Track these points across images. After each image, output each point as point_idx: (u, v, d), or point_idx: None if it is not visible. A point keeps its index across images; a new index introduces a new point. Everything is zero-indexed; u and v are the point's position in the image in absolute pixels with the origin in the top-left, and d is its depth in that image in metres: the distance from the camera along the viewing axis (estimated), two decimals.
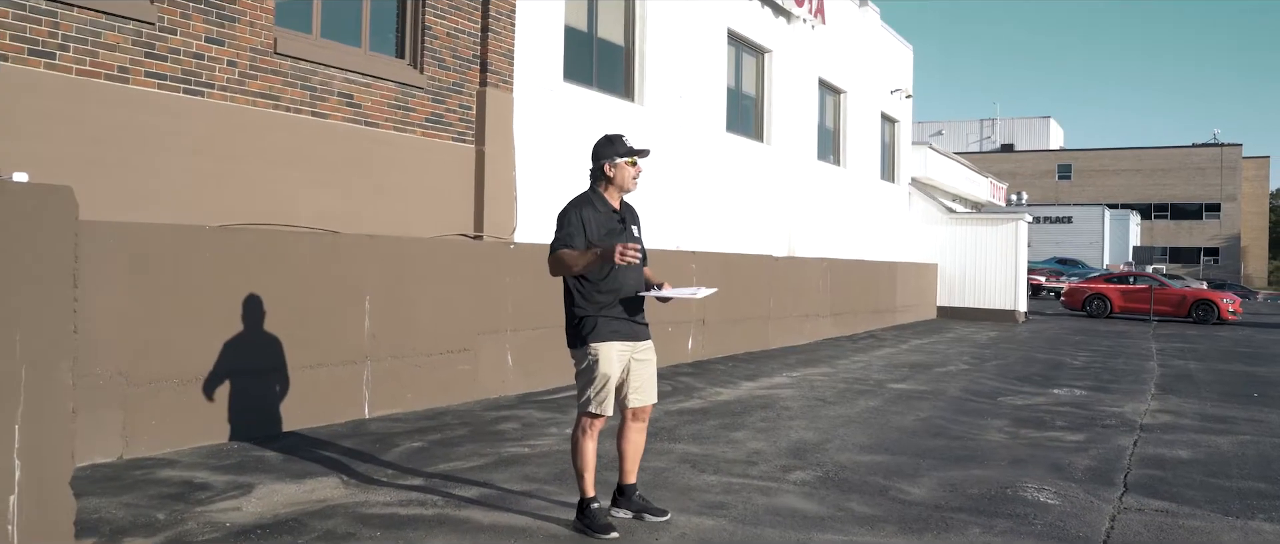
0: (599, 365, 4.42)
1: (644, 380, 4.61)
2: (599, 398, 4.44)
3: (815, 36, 16.99)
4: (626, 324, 4.51)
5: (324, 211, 7.79)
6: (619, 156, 4.53)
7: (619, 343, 4.47)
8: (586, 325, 4.46)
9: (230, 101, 7.22)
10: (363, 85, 8.31)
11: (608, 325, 4.45)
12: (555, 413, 7.80)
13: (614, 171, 4.54)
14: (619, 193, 4.59)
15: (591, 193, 4.59)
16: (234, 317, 6.31)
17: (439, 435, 6.73)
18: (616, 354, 4.45)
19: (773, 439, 7.03)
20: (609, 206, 4.56)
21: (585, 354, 4.47)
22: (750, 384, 10.08)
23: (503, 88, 9.71)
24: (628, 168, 4.53)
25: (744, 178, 14.58)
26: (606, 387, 4.44)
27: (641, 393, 4.61)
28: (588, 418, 4.49)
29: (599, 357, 4.42)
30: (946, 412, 8.69)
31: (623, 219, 4.60)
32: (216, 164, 7.10)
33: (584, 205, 4.51)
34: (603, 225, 4.48)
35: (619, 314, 4.48)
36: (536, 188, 10.04)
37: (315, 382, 6.86)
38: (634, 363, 4.55)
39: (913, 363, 12.75)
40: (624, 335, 4.49)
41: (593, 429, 4.51)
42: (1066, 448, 7.15)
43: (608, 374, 4.42)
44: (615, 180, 4.55)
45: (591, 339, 4.43)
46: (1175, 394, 10.46)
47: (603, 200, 4.55)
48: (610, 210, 4.56)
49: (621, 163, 4.52)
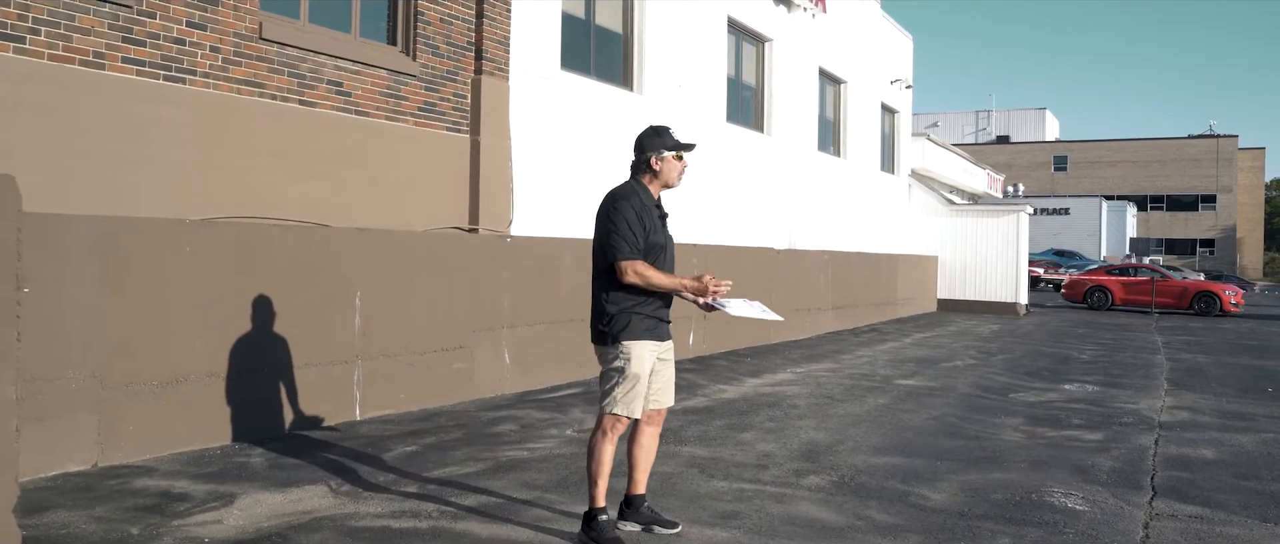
0: (631, 365, 4.14)
1: (665, 382, 4.36)
2: (628, 399, 4.16)
3: (816, 25, 16.67)
4: (658, 324, 4.25)
5: (312, 204, 7.46)
6: (667, 150, 4.29)
7: (651, 342, 4.20)
8: (619, 322, 4.16)
9: (213, 89, 6.89)
10: (353, 73, 7.98)
11: (641, 323, 4.17)
12: (554, 413, 7.50)
13: (661, 165, 4.31)
14: (660, 187, 4.35)
15: (635, 184, 4.32)
16: (217, 315, 5.99)
17: (433, 438, 6.42)
18: (649, 354, 4.18)
19: (783, 440, 6.73)
20: (653, 200, 4.31)
21: (617, 353, 4.17)
22: (755, 381, 9.79)
23: (498, 76, 9.37)
24: (675, 163, 4.30)
25: (744, 169, 14.27)
26: (637, 388, 4.16)
27: (662, 395, 4.35)
28: (612, 418, 4.21)
29: (632, 356, 4.14)
30: (959, 409, 8.40)
31: (664, 215, 4.37)
32: (199, 155, 6.76)
33: (633, 197, 4.23)
34: (651, 221, 4.21)
35: (652, 311, 4.21)
36: (533, 179, 9.72)
37: (304, 382, 6.54)
38: (658, 363, 4.29)
39: (918, 357, 12.47)
40: (656, 335, 4.24)
41: (614, 432, 4.23)
42: (1087, 448, 6.88)
43: (639, 374, 4.15)
44: (661, 175, 4.32)
45: (624, 337, 4.15)
46: (1189, 390, 10.19)
47: (647, 193, 4.30)
48: (655, 204, 4.31)
49: (669, 157, 4.29)
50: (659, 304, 4.23)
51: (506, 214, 9.39)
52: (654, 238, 4.20)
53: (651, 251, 4.18)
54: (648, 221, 4.19)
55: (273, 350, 6.29)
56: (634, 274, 4.10)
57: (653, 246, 4.19)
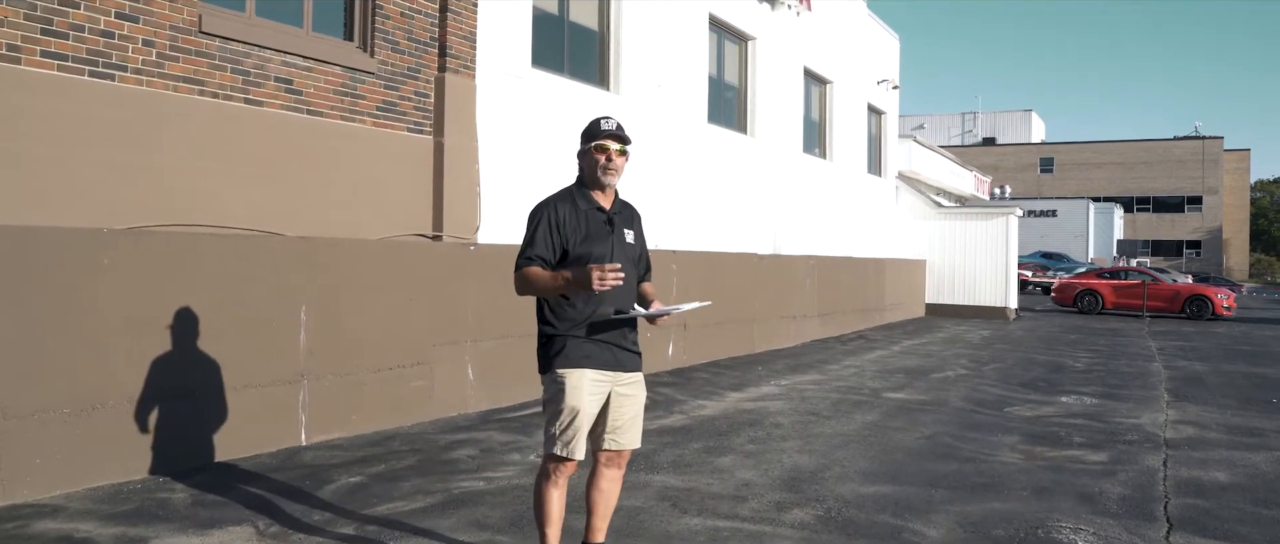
0: (566, 397, 3.55)
1: (626, 419, 3.73)
2: (565, 438, 3.57)
3: (800, 24, 16.19)
4: (606, 349, 3.65)
5: (260, 211, 6.91)
6: (586, 142, 3.70)
7: (594, 371, 3.61)
8: (554, 346, 3.62)
9: (146, 86, 6.33)
10: (304, 69, 7.43)
11: (580, 348, 3.60)
12: (519, 435, 6.97)
13: (581, 162, 3.74)
14: (594, 187, 3.73)
15: (574, 187, 3.75)
16: (141, 334, 5.44)
17: (382, 466, 5.88)
18: (589, 384, 3.59)
19: (764, 466, 6.22)
20: (592, 203, 3.70)
21: (552, 381, 3.62)
22: (736, 395, 9.27)
23: (464, 73, 8.84)
24: (594, 157, 3.67)
25: (727, 172, 13.76)
26: (574, 423, 3.56)
27: (621, 434, 3.73)
28: (553, 462, 3.64)
29: (566, 386, 3.56)
30: (952, 426, 7.91)
31: (610, 220, 3.72)
32: (130, 157, 6.20)
33: (560, 202, 3.67)
34: (583, 227, 3.63)
35: (598, 335, 3.62)
36: (502, 183, 9.19)
37: (240, 406, 5.99)
38: (614, 397, 3.69)
39: (907, 367, 11.98)
40: (601, 362, 3.63)
41: (558, 475, 3.65)
42: (1092, 471, 6.39)
43: (575, 407, 3.55)
44: (584, 173, 3.74)
45: (559, 364, 3.58)
46: (1191, 401, 9.74)
47: (585, 197, 3.71)
48: (594, 208, 3.70)
49: (588, 150, 3.69)
50: (607, 328, 3.63)
51: (473, 220, 8.85)
52: (583, 247, 3.60)
53: (578, 260, 3.57)
54: (572, 226, 3.62)
55: (205, 371, 5.74)
56: (518, 282, 3.59)
57: (580, 257, 3.58)
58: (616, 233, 3.71)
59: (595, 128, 3.69)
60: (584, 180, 3.74)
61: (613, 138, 3.67)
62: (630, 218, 3.88)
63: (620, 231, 3.75)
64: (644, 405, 3.84)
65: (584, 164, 3.72)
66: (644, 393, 3.85)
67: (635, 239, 3.85)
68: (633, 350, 3.76)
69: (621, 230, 3.76)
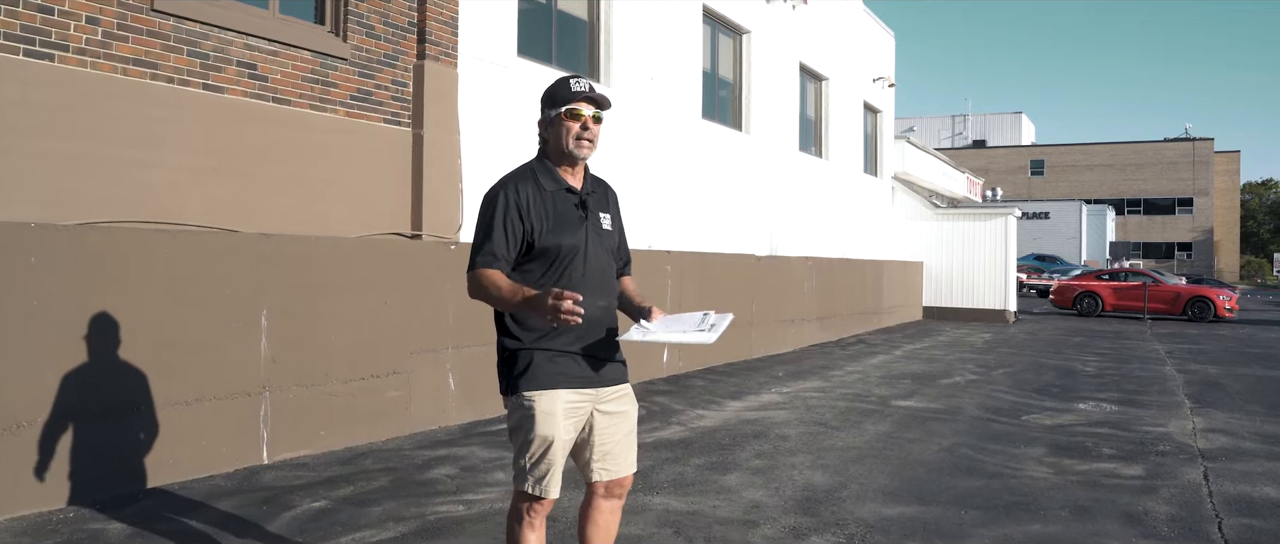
0: (536, 424, 2.88)
1: (615, 442, 3.07)
2: (537, 472, 2.91)
3: (796, 18, 15.66)
4: (580, 362, 2.97)
5: (219, 206, 6.31)
6: (552, 108, 3.03)
7: (569, 391, 2.94)
8: (519, 363, 2.94)
9: (90, 68, 5.72)
10: (270, 53, 6.84)
11: (550, 364, 2.92)
12: (504, 450, 6.38)
13: (547, 131, 3.05)
14: (564, 163, 3.05)
15: (535, 163, 3.07)
16: (76, 342, 4.83)
17: (351, 488, 5.28)
18: (563, 407, 2.92)
19: (774, 485, 5.64)
20: (560, 183, 3.04)
21: (517, 405, 2.94)
22: (737, 404, 8.70)
23: (445, 61, 8.25)
24: (565, 123, 2.99)
25: (722, 169, 13.20)
26: (547, 456, 2.90)
27: (612, 461, 3.07)
28: (525, 501, 2.99)
29: (536, 411, 2.89)
30: (970, 438, 7.36)
31: (582, 202, 3.06)
32: (71, 146, 5.60)
33: (521, 182, 2.98)
34: (550, 212, 2.96)
35: (570, 345, 2.95)
36: (486, 178, 8.51)
37: (192, 421, 5.38)
38: (598, 417, 3.03)
39: (913, 373, 11.43)
40: (577, 379, 2.96)
41: (534, 516, 2.99)
42: (1130, 487, 5.84)
43: (547, 437, 2.88)
44: (551, 143, 3.05)
45: (525, 385, 2.91)
46: (1214, 407, 9.22)
47: (551, 175, 3.03)
48: (563, 188, 3.03)
49: (558, 116, 3.01)
50: (573, 336, 2.93)
51: (455, 217, 8.26)
52: (551, 238, 2.94)
53: (547, 257, 2.95)
54: (536, 211, 2.94)
55: (151, 384, 5.13)
56: (472, 286, 2.91)
57: (547, 250, 2.95)
58: (591, 218, 3.05)
59: (564, 89, 3.00)
60: (549, 154, 3.07)
61: (587, 101, 2.99)
62: (605, 198, 3.18)
63: (595, 216, 3.07)
64: (637, 420, 3.17)
65: (550, 134, 3.04)
66: (635, 406, 3.16)
67: (613, 224, 3.17)
68: (614, 359, 3.08)
69: (596, 214, 3.08)
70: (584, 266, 2.99)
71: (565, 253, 2.96)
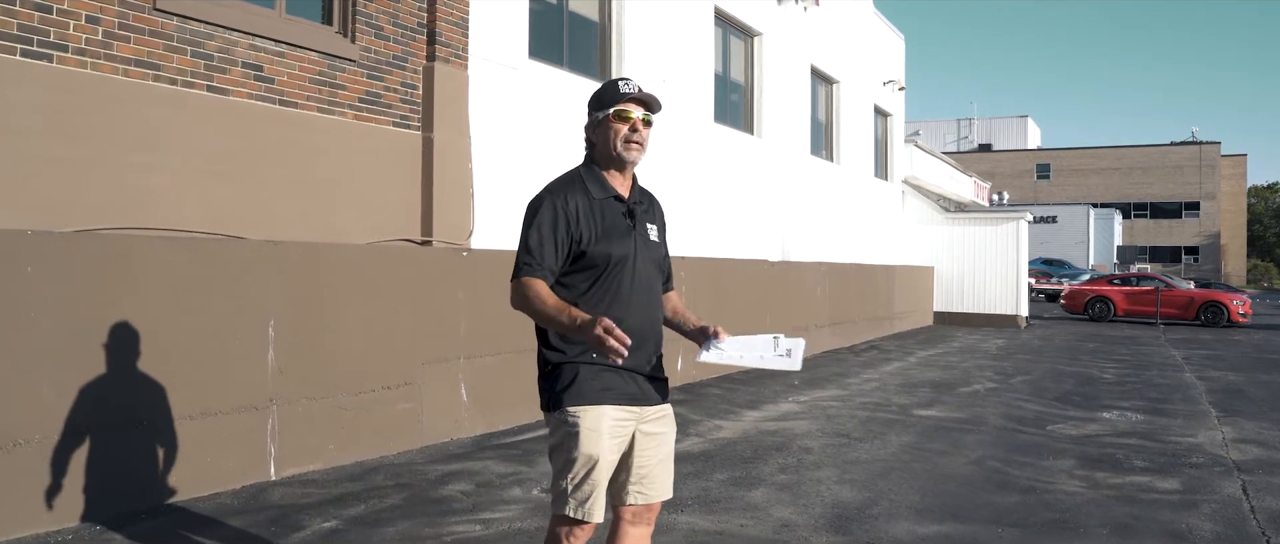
0: (581, 442, 2.70)
1: (654, 464, 2.89)
2: (581, 494, 2.72)
3: (808, 20, 15.46)
4: (628, 378, 2.80)
5: (222, 213, 6.11)
6: (601, 109, 2.88)
7: (614, 407, 2.76)
8: (562, 378, 2.77)
9: (90, 69, 5.53)
10: (276, 55, 6.64)
11: (596, 379, 2.75)
12: (519, 465, 6.16)
13: (595, 134, 2.90)
14: (613, 168, 2.90)
15: (582, 170, 2.91)
16: (75, 354, 4.63)
17: (363, 507, 5.06)
18: (610, 425, 2.75)
19: (802, 501, 5.42)
20: (608, 191, 2.88)
21: (561, 422, 2.76)
22: (754, 414, 8.48)
23: (455, 63, 8.05)
24: (615, 126, 2.85)
25: (734, 174, 12.99)
26: (592, 476, 2.72)
27: (649, 483, 2.88)
28: (564, 525, 2.79)
29: (581, 428, 2.71)
30: (998, 449, 7.13)
31: (630, 211, 2.90)
32: (71, 149, 5.40)
33: (568, 190, 2.82)
34: (599, 222, 2.80)
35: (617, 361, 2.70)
36: (497, 183, 8.40)
37: (197, 436, 5.17)
38: (640, 437, 2.85)
39: (931, 381, 11.20)
40: (623, 396, 2.79)
41: (574, 542, 2.79)
42: (1169, 502, 5.62)
43: (592, 455, 2.71)
44: (598, 148, 2.90)
45: (569, 400, 2.73)
46: (1242, 416, 8.98)
47: (600, 183, 2.88)
48: (612, 197, 2.88)
49: (607, 119, 2.86)
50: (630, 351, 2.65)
51: (466, 223, 8.05)
52: (600, 246, 2.79)
53: (596, 268, 2.80)
54: (586, 221, 2.78)
55: (153, 398, 4.93)
56: (516, 298, 2.74)
57: (596, 261, 2.79)
58: (639, 228, 2.90)
59: (612, 90, 2.86)
60: (596, 160, 2.91)
61: (636, 102, 2.85)
62: (652, 209, 3.05)
63: (643, 227, 2.92)
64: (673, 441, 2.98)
65: (597, 138, 2.89)
66: (674, 428, 2.99)
67: (659, 236, 3.03)
68: (659, 376, 2.92)
69: (644, 225, 2.94)
70: (632, 279, 2.84)
71: (614, 263, 2.79)
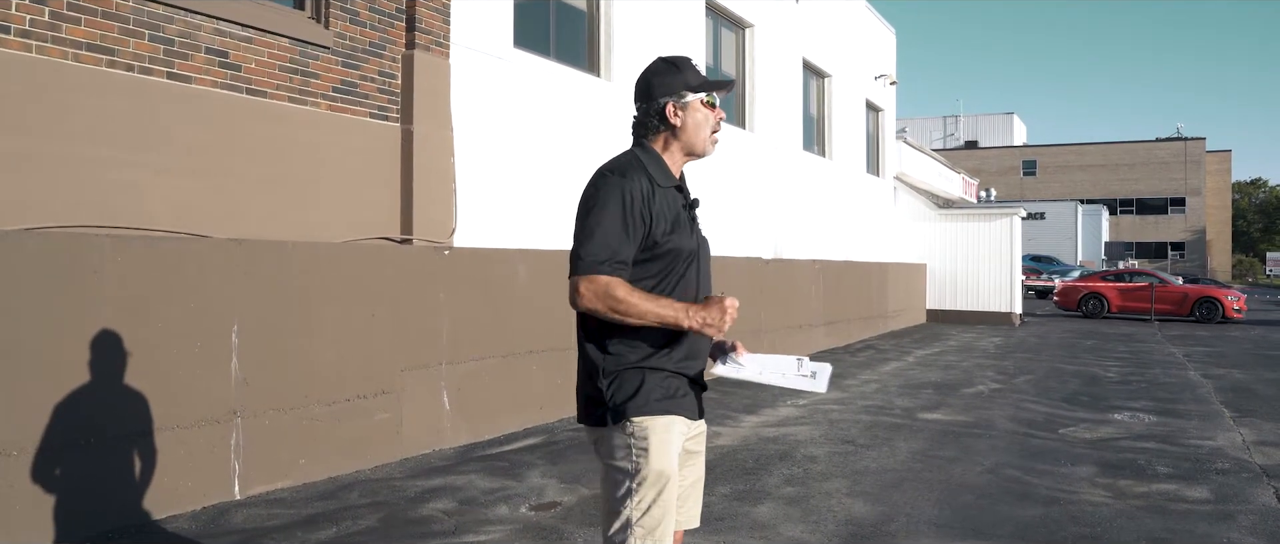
0: (651, 458, 2.33)
1: (688, 486, 2.57)
2: (649, 521, 2.32)
3: (799, 12, 15.08)
4: (687, 388, 2.46)
5: (185, 210, 5.66)
6: (692, 92, 2.50)
7: (682, 419, 2.41)
8: (625, 385, 2.38)
9: (35, 53, 5.07)
10: (243, 40, 6.19)
11: (660, 385, 2.39)
12: (506, 479, 5.74)
13: (683, 117, 2.51)
14: (684, 156, 2.56)
15: (642, 153, 2.52)
16: (18, 366, 4.18)
17: (334, 529, 4.63)
18: (678, 437, 2.40)
19: (813, 518, 5.02)
20: (671, 180, 2.52)
21: (625, 441, 2.36)
22: (753, 419, 8.09)
23: (436, 51, 7.62)
24: (705, 113, 2.52)
25: (726, 168, 12.59)
26: (662, 498, 2.34)
27: (681, 510, 2.54)
28: None
29: (651, 444, 2.33)
30: (1011, 455, 6.76)
31: (688, 202, 2.58)
32: (14, 141, 4.94)
33: (632, 175, 2.42)
34: (665, 212, 2.44)
35: (677, 364, 2.42)
36: (481, 178, 7.97)
37: (152, 454, 4.72)
38: (686, 454, 2.52)
39: (932, 382, 10.84)
40: (690, 407, 2.45)
41: None
42: (1202, 513, 5.25)
43: (666, 472, 2.34)
44: (684, 134, 2.52)
45: (634, 411, 2.34)
46: (1258, 417, 8.65)
47: (662, 170, 2.50)
48: (674, 187, 2.54)
49: (695, 104, 2.51)
50: (686, 352, 2.42)
51: (448, 220, 7.62)
52: (672, 240, 2.42)
53: (665, 261, 2.43)
54: (657, 212, 2.40)
55: (103, 412, 4.48)
56: (592, 297, 2.31)
57: (667, 254, 2.42)
58: (695, 221, 2.60)
59: (693, 72, 2.53)
60: (653, 143, 2.54)
61: (724, 88, 2.56)
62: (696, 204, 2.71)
63: (697, 220, 2.63)
64: None
65: (680, 122, 2.51)
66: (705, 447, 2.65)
67: None
68: (704, 387, 2.59)
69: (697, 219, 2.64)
70: (697, 277, 2.53)
71: (684, 258, 2.48)
